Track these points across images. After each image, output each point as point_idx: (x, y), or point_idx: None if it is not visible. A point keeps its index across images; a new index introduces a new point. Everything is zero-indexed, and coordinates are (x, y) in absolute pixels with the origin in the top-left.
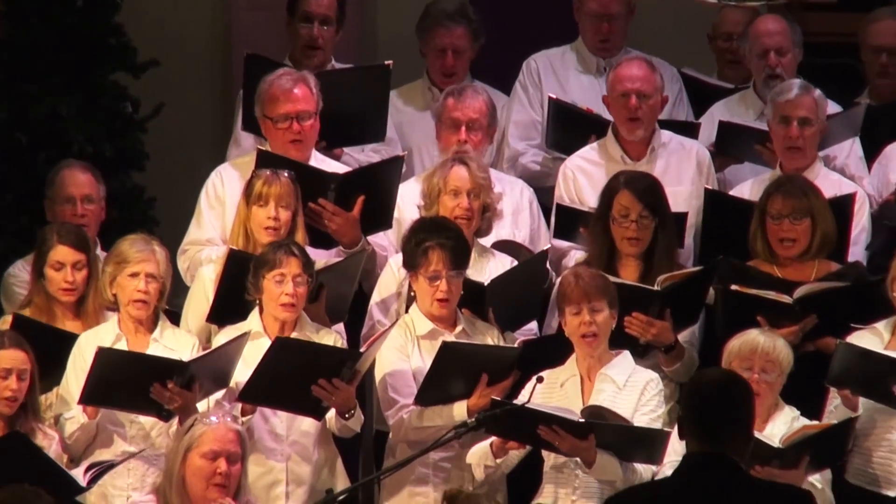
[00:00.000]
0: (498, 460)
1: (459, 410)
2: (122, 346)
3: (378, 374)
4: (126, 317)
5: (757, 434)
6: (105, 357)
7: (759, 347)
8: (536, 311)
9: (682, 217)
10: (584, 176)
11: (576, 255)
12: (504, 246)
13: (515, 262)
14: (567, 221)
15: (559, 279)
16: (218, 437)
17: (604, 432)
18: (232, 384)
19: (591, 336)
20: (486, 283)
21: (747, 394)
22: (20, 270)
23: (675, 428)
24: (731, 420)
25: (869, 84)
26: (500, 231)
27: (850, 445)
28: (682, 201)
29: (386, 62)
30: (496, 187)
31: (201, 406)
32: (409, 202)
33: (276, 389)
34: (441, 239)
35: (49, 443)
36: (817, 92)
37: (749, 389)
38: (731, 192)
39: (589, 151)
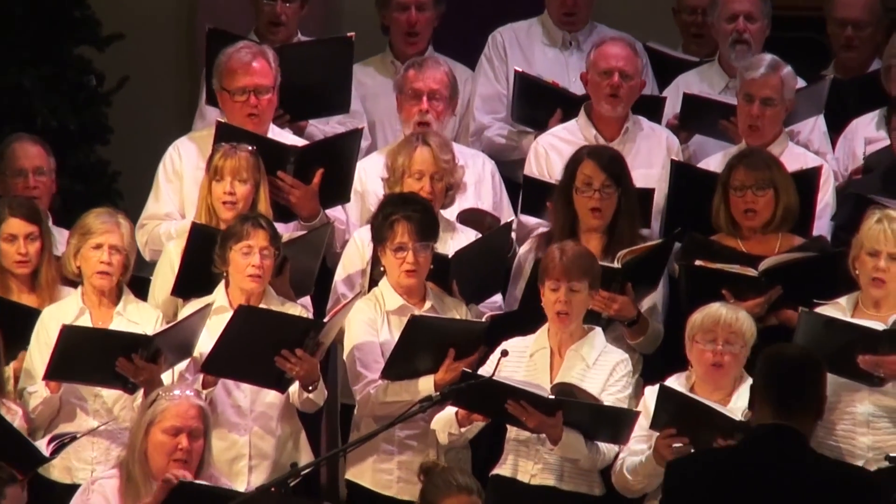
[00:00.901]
0: (462, 429)
1: (426, 385)
2: (86, 319)
3: (346, 348)
4: (90, 290)
5: (719, 407)
6: (70, 334)
7: (722, 319)
8: (500, 283)
9: (648, 193)
10: (556, 154)
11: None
12: (470, 214)
13: (479, 236)
14: (535, 194)
15: (546, 251)
16: (180, 413)
17: (573, 410)
18: (196, 354)
19: (564, 314)
20: (450, 256)
21: (824, 374)
22: None
23: (641, 404)
24: (807, 396)
25: (834, 58)
26: (463, 203)
27: None
28: (653, 183)
29: (348, 34)
30: (458, 160)
31: (166, 378)
32: (372, 175)
33: (239, 360)
34: (408, 211)
35: (12, 417)
36: (786, 70)
37: (825, 370)
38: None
39: (562, 130)
